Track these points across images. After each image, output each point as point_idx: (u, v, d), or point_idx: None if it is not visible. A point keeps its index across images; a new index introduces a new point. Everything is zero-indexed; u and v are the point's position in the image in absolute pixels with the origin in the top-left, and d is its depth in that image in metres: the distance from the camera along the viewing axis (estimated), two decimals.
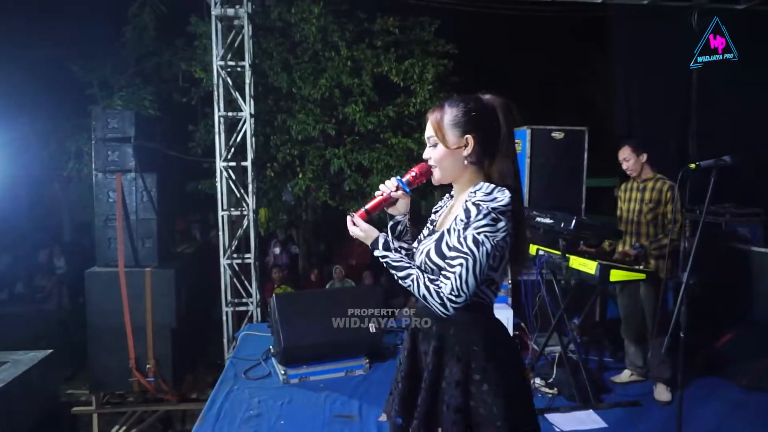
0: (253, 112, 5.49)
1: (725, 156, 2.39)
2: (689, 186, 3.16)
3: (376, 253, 1.59)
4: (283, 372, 3.62)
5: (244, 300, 5.80)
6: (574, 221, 2.92)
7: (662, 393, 3.37)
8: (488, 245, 1.45)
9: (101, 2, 6.75)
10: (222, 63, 5.39)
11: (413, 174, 1.64)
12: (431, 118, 1.60)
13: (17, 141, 6.00)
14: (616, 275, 2.97)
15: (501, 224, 1.46)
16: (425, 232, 1.74)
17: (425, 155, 1.63)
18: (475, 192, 1.49)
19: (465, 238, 1.46)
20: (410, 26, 6.49)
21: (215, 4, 5.29)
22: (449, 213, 1.66)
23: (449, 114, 1.57)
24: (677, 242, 3.47)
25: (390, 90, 6.16)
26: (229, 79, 5.44)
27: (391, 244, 1.60)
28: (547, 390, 3.41)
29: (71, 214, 9.98)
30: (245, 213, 5.67)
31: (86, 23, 6.92)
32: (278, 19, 6.16)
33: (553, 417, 3.11)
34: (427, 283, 1.50)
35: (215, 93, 5.41)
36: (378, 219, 1.74)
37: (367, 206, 1.64)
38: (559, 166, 4.51)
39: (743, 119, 5.39)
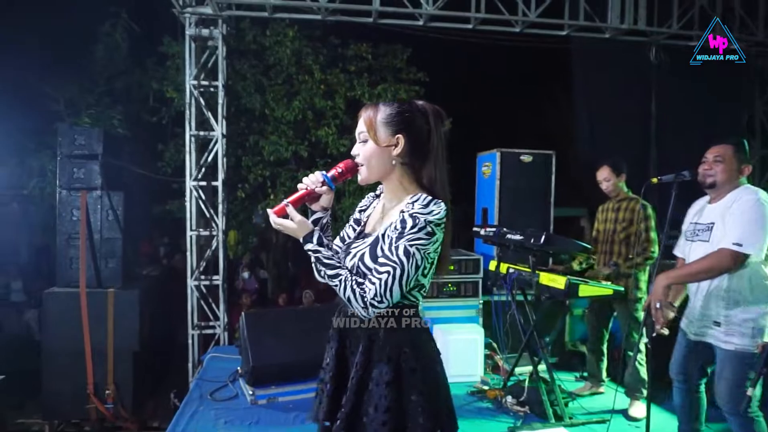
0: (225, 132, 5.46)
1: (684, 171, 2.50)
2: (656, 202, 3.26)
3: (308, 246, 1.56)
4: (251, 392, 3.52)
5: (211, 323, 5.65)
6: (543, 236, 2.98)
7: (637, 409, 3.44)
8: (418, 257, 1.48)
9: (69, 19, 6.67)
10: (195, 82, 5.37)
11: (339, 170, 1.62)
12: (364, 115, 1.61)
13: None
14: (584, 291, 3.03)
15: (435, 237, 1.49)
16: (349, 231, 1.76)
17: (354, 151, 1.63)
18: (412, 203, 1.51)
19: (396, 248, 1.48)
20: (383, 53, 6.64)
21: (190, 24, 5.31)
22: (383, 217, 1.66)
23: (382, 112, 1.59)
24: (652, 261, 3.49)
25: None
26: (201, 99, 5.42)
27: (324, 240, 1.57)
28: (518, 408, 3.40)
29: (30, 236, 9.61)
30: (214, 233, 5.58)
31: (53, 39, 6.81)
32: (253, 41, 6.20)
33: None
34: (354, 286, 1.50)
35: (187, 112, 5.36)
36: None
37: (290, 199, 1.60)
38: (528, 188, 4.62)
39: (697, 145, 5.65)
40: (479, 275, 4.24)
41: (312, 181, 1.63)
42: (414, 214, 1.48)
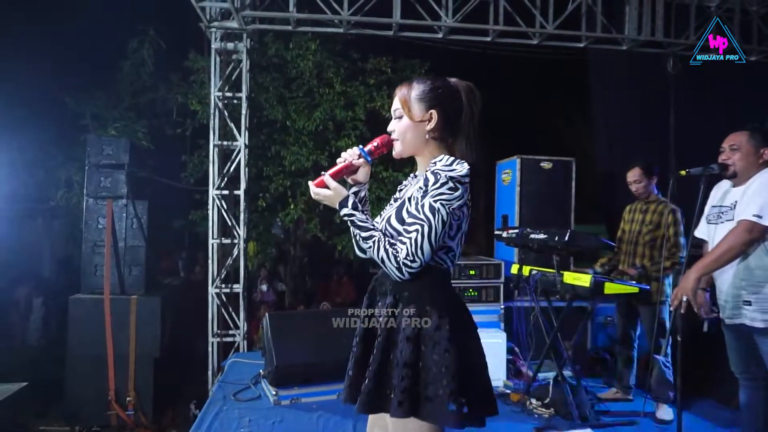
0: (247, 142, 5.58)
1: (713, 164, 2.52)
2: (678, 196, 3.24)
3: (344, 211, 1.60)
4: (274, 393, 3.53)
5: (231, 331, 5.68)
6: (568, 233, 3.00)
7: (664, 412, 3.37)
8: (444, 212, 1.51)
9: (96, 35, 6.91)
10: (219, 94, 5.51)
11: (375, 144, 1.69)
12: (399, 93, 1.67)
13: (5, 167, 5.97)
14: (610, 288, 3.02)
15: (458, 193, 1.51)
16: (388, 207, 1.79)
17: (390, 128, 1.70)
18: (435, 162, 1.55)
19: (422, 206, 1.52)
20: (401, 68, 6.76)
21: (215, 38, 5.47)
22: (412, 186, 1.71)
23: (416, 89, 1.65)
24: (679, 267, 3.36)
25: (382, 125, 6.30)
26: (225, 111, 5.55)
27: (358, 206, 1.62)
28: (543, 410, 3.37)
29: (52, 249, 9.79)
30: (235, 242, 5.65)
31: (82, 55, 7.04)
32: (275, 55, 6.36)
33: None
34: (387, 246, 1.54)
35: (211, 122, 5.49)
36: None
37: (329, 172, 1.67)
38: (548, 195, 4.64)
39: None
40: (500, 280, 4.24)
41: (350, 154, 1.70)
42: (436, 171, 1.53)
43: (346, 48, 6.60)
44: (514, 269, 3.76)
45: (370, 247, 1.57)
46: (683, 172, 2.60)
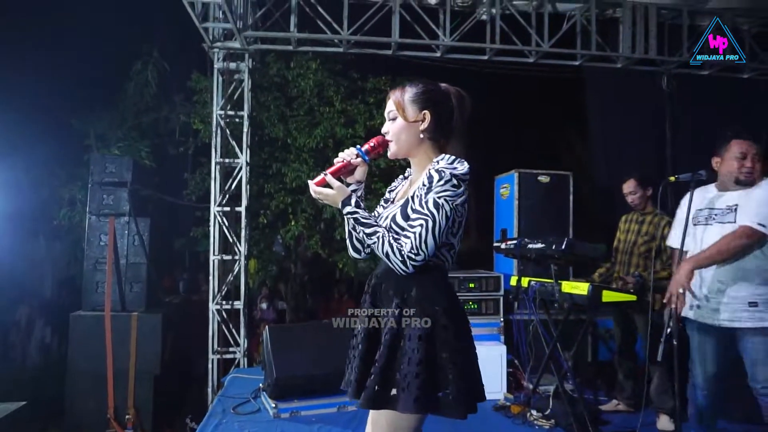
0: (248, 160, 5.65)
1: (701, 170, 2.56)
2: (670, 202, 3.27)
3: (347, 209, 1.65)
4: (273, 406, 3.52)
5: (231, 348, 5.68)
6: (565, 241, 3.03)
7: (665, 423, 3.36)
8: (447, 208, 1.57)
9: (101, 56, 7.05)
10: (221, 113, 5.61)
11: (372, 144, 1.76)
12: (393, 96, 1.76)
13: (9, 184, 6.03)
14: (608, 296, 3.04)
15: (460, 190, 1.59)
16: (380, 209, 1.85)
17: (384, 129, 1.76)
18: (438, 161, 1.62)
19: (426, 202, 1.58)
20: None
21: (218, 59, 5.60)
22: (410, 186, 1.77)
23: (409, 92, 1.74)
24: None
25: None
26: (227, 129, 5.64)
27: (361, 203, 1.68)
28: (544, 422, 3.35)
29: (54, 269, 9.80)
30: (236, 258, 5.68)
31: (87, 76, 7.17)
32: (276, 74, 6.49)
33: None
34: (391, 241, 1.59)
35: (213, 140, 5.58)
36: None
37: (328, 171, 1.72)
38: (546, 208, 4.68)
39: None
40: (500, 293, 4.25)
41: (348, 154, 1.76)
42: (439, 169, 1.59)
43: (346, 67, 6.73)
44: (513, 281, 3.78)
45: (374, 242, 1.61)
46: (672, 178, 2.66)
